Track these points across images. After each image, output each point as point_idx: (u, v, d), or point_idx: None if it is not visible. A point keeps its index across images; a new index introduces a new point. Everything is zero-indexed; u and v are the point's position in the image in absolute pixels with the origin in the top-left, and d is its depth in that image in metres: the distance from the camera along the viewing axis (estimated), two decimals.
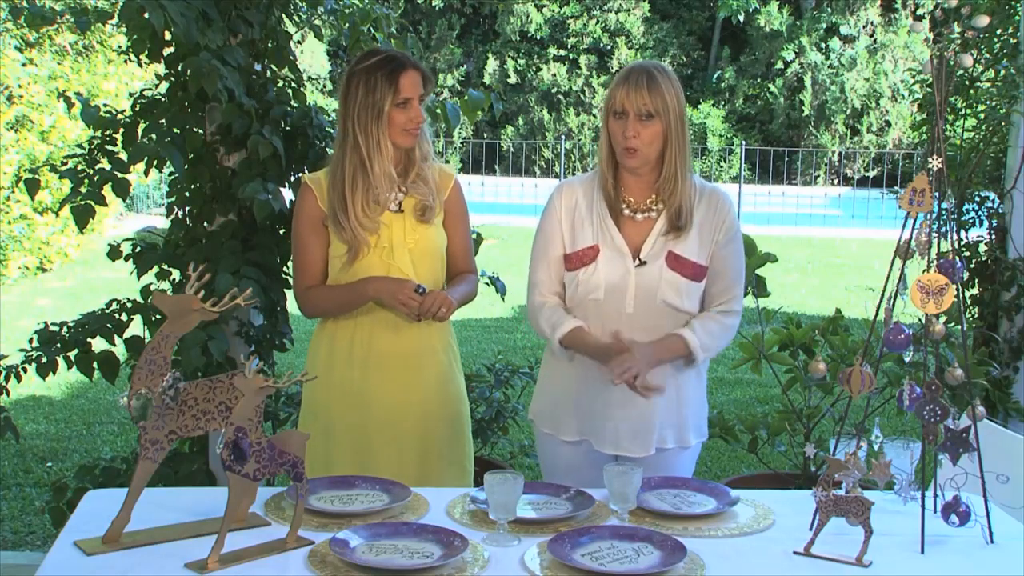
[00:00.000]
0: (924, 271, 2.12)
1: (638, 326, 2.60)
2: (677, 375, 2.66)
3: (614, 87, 2.58)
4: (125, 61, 10.07)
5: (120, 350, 3.33)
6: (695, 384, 2.73)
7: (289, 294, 3.37)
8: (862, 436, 2.20)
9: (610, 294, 2.60)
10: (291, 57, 3.55)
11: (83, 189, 3.17)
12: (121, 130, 3.29)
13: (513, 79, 22.24)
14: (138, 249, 3.41)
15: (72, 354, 3.28)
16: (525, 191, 15.23)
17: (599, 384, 2.63)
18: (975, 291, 4.70)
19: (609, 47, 22.07)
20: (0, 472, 5.01)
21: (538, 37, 22.40)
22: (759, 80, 21.97)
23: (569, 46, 22.32)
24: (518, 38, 22.57)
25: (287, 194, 3.40)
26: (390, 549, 1.99)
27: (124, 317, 3.36)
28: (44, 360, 3.24)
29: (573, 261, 2.64)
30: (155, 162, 3.18)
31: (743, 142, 19.29)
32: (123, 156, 3.26)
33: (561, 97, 22.04)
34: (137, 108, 3.34)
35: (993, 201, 4.73)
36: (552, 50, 22.33)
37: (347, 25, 3.76)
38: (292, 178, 3.45)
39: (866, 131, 20.56)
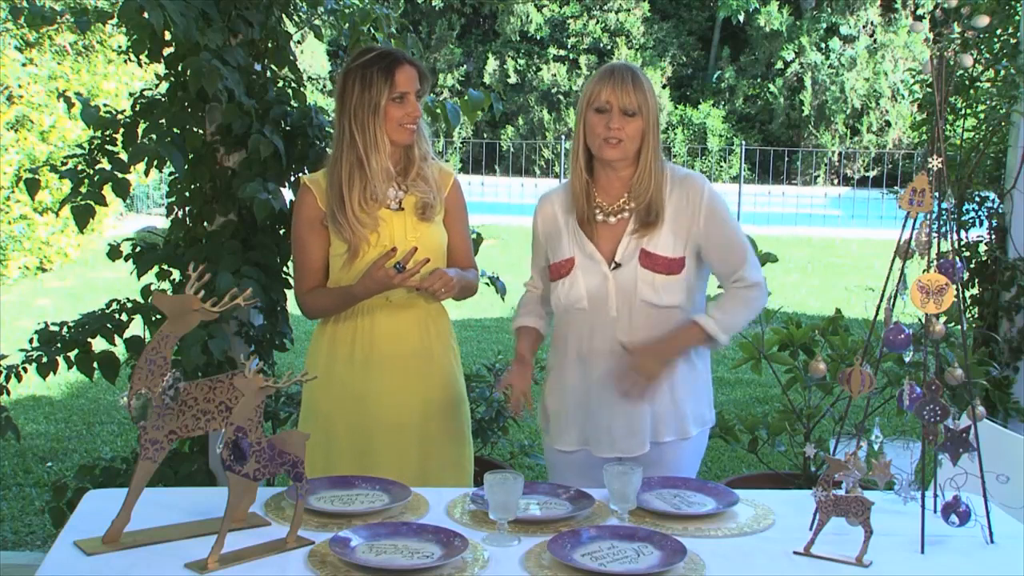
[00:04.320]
0: (924, 271, 2.12)
1: (624, 328, 2.60)
2: (673, 368, 2.64)
3: (595, 84, 2.61)
4: (125, 61, 10.08)
5: (120, 350, 3.33)
6: (689, 373, 2.68)
7: (289, 294, 3.37)
8: (862, 436, 2.20)
9: (593, 301, 2.62)
10: (291, 57, 3.55)
11: (83, 189, 3.17)
12: (121, 130, 3.29)
13: (513, 79, 22.23)
14: (138, 249, 3.41)
15: (72, 354, 3.28)
16: (525, 191, 15.24)
17: (593, 391, 2.64)
18: (975, 291, 4.70)
19: (609, 47, 22.06)
20: (0, 472, 5.01)
21: (538, 37, 22.40)
22: (759, 80, 21.97)
23: (569, 46, 22.32)
24: (518, 38, 22.56)
25: (287, 194, 3.40)
26: (390, 549, 1.99)
27: (124, 317, 3.36)
28: (44, 360, 3.24)
29: (554, 272, 2.69)
30: (155, 162, 3.18)
31: (743, 142, 19.29)
32: (123, 156, 3.26)
33: (561, 97, 22.04)
34: (137, 108, 3.34)
35: (993, 201, 4.73)
36: (552, 50, 22.33)
37: (347, 25, 3.76)
38: (292, 178, 3.45)
39: (866, 131, 20.56)
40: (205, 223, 3.42)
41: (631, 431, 2.63)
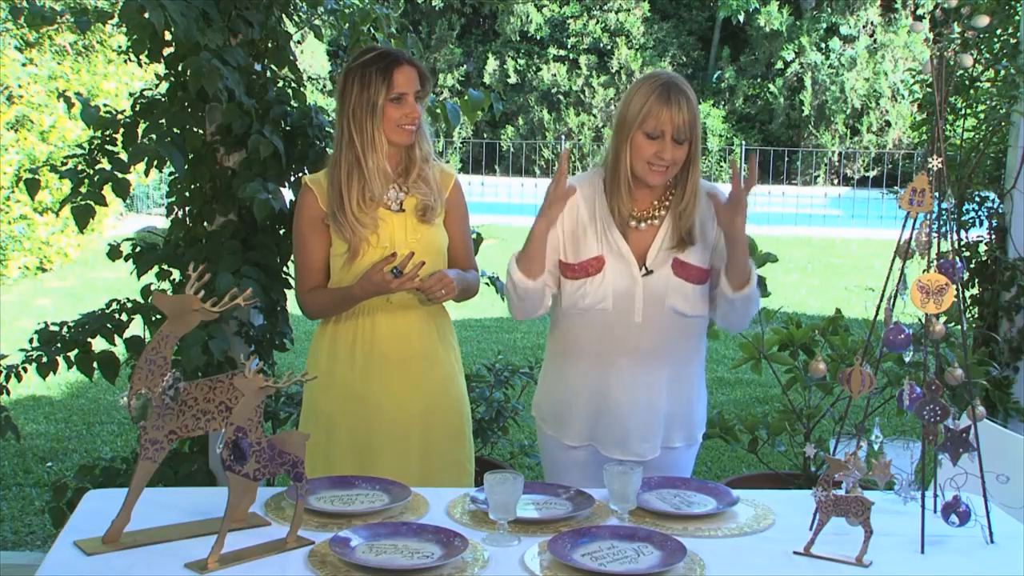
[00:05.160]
0: (924, 271, 2.12)
1: (647, 335, 2.60)
2: (682, 372, 2.68)
3: (652, 103, 2.50)
4: (125, 61, 10.08)
5: (120, 350, 3.33)
6: (699, 379, 2.75)
7: (289, 294, 3.37)
8: (862, 436, 2.20)
9: (618, 303, 2.59)
10: (291, 57, 3.55)
11: (83, 189, 3.17)
12: (121, 130, 3.29)
13: (513, 79, 22.23)
14: (138, 249, 3.41)
15: (72, 354, 3.28)
16: (525, 191, 15.23)
17: (611, 393, 2.64)
18: (975, 291, 4.70)
19: (609, 47, 22.06)
20: (0, 472, 5.01)
21: (538, 37, 22.39)
22: (759, 80, 21.97)
23: (569, 46, 22.31)
24: (518, 38, 22.56)
25: (287, 194, 3.40)
26: (390, 549, 1.99)
27: (124, 317, 3.36)
28: (44, 360, 3.23)
29: (576, 271, 2.61)
30: (155, 162, 3.18)
31: (743, 142, 19.29)
32: (123, 156, 3.26)
33: (561, 97, 22.04)
34: (137, 108, 3.34)
35: (993, 201, 4.73)
36: (552, 50, 22.32)
37: (347, 25, 3.76)
38: (292, 178, 3.45)
39: (866, 131, 20.56)
40: (205, 223, 3.41)
41: (646, 435, 2.65)
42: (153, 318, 3.32)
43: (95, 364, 3.31)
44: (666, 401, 2.65)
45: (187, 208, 3.44)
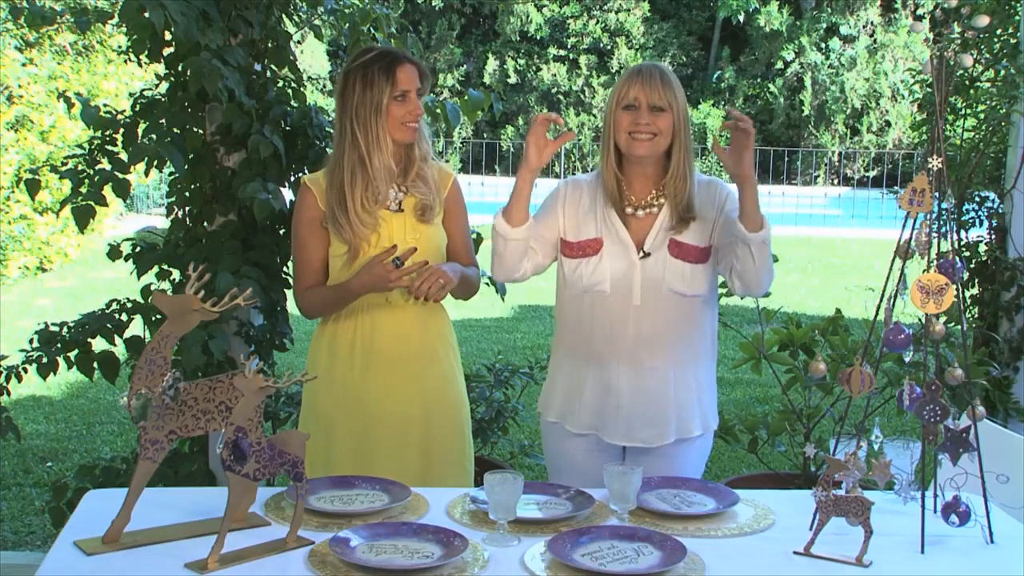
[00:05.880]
0: (924, 271, 2.12)
1: (647, 317, 2.62)
2: (687, 358, 2.67)
3: (624, 81, 2.62)
4: (125, 61, 10.08)
5: (120, 350, 3.33)
6: (707, 368, 2.75)
7: (289, 294, 3.38)
8: (862, 436, 2.20)
9: (616, 286, 2.62)
10: (291, 57, 3.55)
11: (83, 189, 3.17)
12: (121, 130, 3.29)
13: (513, 79, 22.24)
14: (138, 249, 3.41)
15: (72, 354, 3.28)
16: None
17: (608, 372, 2.65)
18: (975, 291, 4.70)
19: (609, 47, 22.07)
20: (0, 472, 5.01)
21: (538, 37, 22.41)
22: (759, 80, 21.98)
23: (569, 46, 22.33)
24: (518, 38, 22.57)
25: (287, 194, 3.40)
26: (390, 549, 1.99)
27: (124, 317, 3.36)
28: (44, 360, 3.24)
29: (575, 249, 2.67)
30: (155, 162, 3.18)
31: None
32: (123, 156, 3.26)
33: (561, 97, 22.04)
34: (137, 108, 3.34)
35: (993, 201, 4.73)
36: (552, 50, 22.33)
37: (347, 25, 3.76)
38: (292, 178, 3.45)
39: (866, 131, 20.57)
40: (205, 223, 3.42)
41: (651, 421, 2.65)
42: (153, 318, 3.32)
43: (95, 364, 3.31)
44: (672, 387, 2.65)
45: (187, 208, 3.44)
